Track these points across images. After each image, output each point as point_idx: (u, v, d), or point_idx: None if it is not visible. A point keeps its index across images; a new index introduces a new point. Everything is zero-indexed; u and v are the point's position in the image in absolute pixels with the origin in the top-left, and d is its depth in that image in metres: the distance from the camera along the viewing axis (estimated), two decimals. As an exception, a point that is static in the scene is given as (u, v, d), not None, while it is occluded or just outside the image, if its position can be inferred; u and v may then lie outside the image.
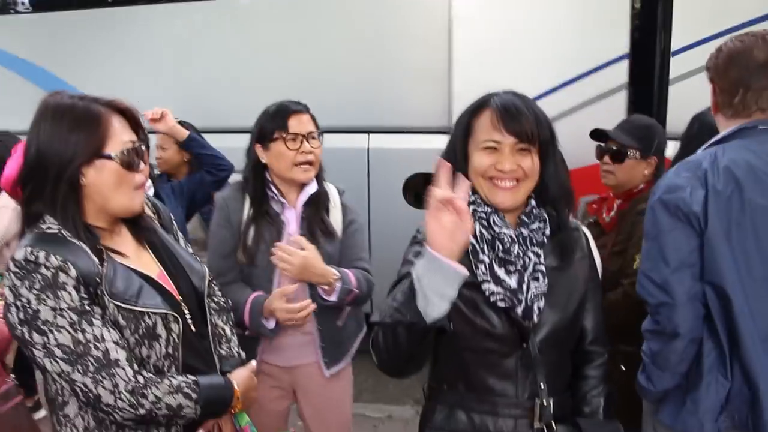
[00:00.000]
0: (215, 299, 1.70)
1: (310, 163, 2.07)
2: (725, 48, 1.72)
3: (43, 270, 1.28)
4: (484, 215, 1.50)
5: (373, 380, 3.99)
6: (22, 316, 1.29)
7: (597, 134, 2.43)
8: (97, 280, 1.34)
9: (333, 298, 2.02)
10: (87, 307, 1.31)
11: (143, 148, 1.45)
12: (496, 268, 1.47)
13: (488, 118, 1.49)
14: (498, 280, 1.46)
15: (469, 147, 1.52)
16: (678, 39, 3.20)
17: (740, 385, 1.62)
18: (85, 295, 1.31)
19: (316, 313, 2.06)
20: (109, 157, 1.37)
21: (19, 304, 1.28)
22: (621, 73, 3.32)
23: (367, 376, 4.08)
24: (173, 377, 1.40)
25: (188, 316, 1.51)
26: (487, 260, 1.47)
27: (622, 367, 2.10)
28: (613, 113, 3.11)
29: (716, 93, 1.75)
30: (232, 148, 2.50)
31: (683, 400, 1.70)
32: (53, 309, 1.28)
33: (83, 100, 1.40)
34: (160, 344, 1.42)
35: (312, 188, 2.12)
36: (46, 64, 4.25)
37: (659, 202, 1.66)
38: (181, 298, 1.51)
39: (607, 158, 2.34)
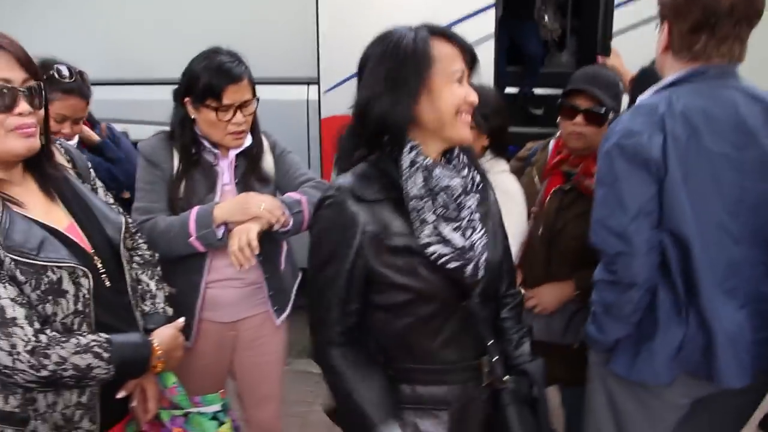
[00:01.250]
0: (139, 252, 1.59)
1: (242, 132, 1.93)
2: None
3: None
4: (426, 167, 1.35)
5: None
6: None
7: (569, 92, 2.10)
8: None
9: (288, 227, 1.90)
10: None
11: (27, 88, 1.28)
12: (442, 226, 1.34)
13: (449, 46, 1.35)
14: (445, 241, 1.34)
15: (432, 80, 1.33)
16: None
17: (695, 332, 1.61)
18: None
19: (262, 260, 1.95)
20: None
21: None
22: (489, 22, 3.30)
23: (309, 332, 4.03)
24: (82, 336, 1.30)
25: (101, 271, 1.39)
26: (431, 219, 1.34)
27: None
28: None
29: (672, 34, 1.67)
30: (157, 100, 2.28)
31: (637, 349, 1.68)
32: None
33: None
34: (67, 301, 1.31)
35: (247, 141, 1.98)
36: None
37: (616, 147, 1.59)
38: (93, 251, 1.40)
39: (579, 119, 2.04)
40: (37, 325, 1.24)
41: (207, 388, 1.70)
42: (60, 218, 1.38)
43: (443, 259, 1.33)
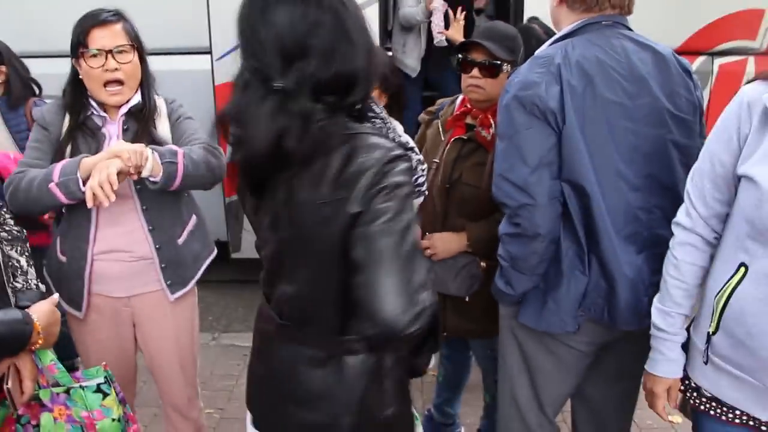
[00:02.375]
0: (6, 228, 1.54)
1: (119, 81, 1.84)
2: None
3: None
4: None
5: (244, 310, 3.87)
6: None
7: (463, 46, 2.14)
8: None
9: (158, 177, 1.78)
10: None
11: None
12: None
13: None
14: None
15: None
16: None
17: (597, 279, 1.65)
18: None
19: (152, 230, 1.91)
20: None
21: None
22: None
23: (237, 306, 3.98)
24: None
25: None
26: None
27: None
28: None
29: None
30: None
31: (543, 300, 1.71)
32: None
33: None
34: None
35: (134, 100, 1.91)
36: None
37: (514, 99, 1.60)
38: None
39: (476, 71, 2.04)
40: None
41: (111, 364, 1.65)
42: None
43: None
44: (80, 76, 1.87)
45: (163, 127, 1.97)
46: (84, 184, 1.69)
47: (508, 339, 1.86)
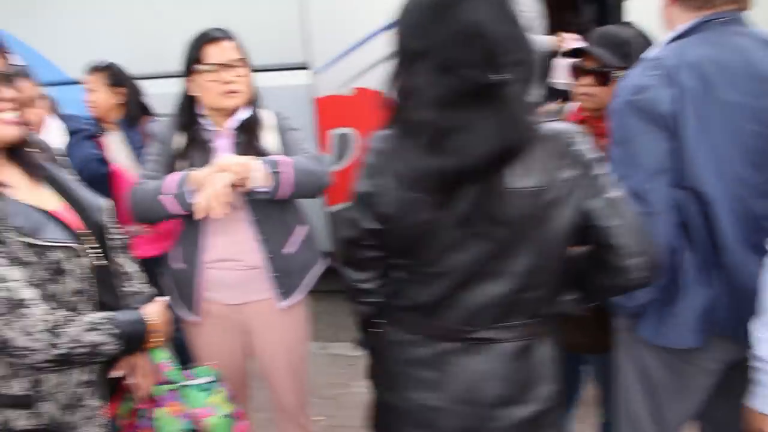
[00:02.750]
0: (116, 237, 1.59)
1: (235, 91, 1.96)
2: None
3: None
4: None
5: (352, 320, 3.91)
6: None
7: (574, 52, 2.13)
8: None
9: (267, 187, 1.87)
10: None
11: (10, 74, 1.33)
12: None
13: None
14: None
15: None
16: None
17: (721, 291, 1.55)
18: None
19: (262, 240, 1.98)
20: None
21: None
22: None
23: (345, 316, 4.03)
24: (89, 314, 1.33)
25: (94, 250, 1.42)
26: None
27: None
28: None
29: None
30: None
31: (662, 313, 1.62)
32: None
33: None
34: (69, 279, 1.33)
35: (243, 114, 2.00)
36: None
37: (626, 104, 1.53)
38: (84, 231, 1.42)
39: (587, 79, 2.02)
40: (47, 305, 1.26)
41: (222, 368, 1.72)
42: (48, 201, 1.40)
43: None
44: (191, 94, 1.99)
45: (270, 140, 2.04)
46: (192, 196, 1.81)
47: (625, 354, 1.78)
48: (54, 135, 2.15)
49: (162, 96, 2.89)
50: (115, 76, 2.92)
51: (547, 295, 1.36)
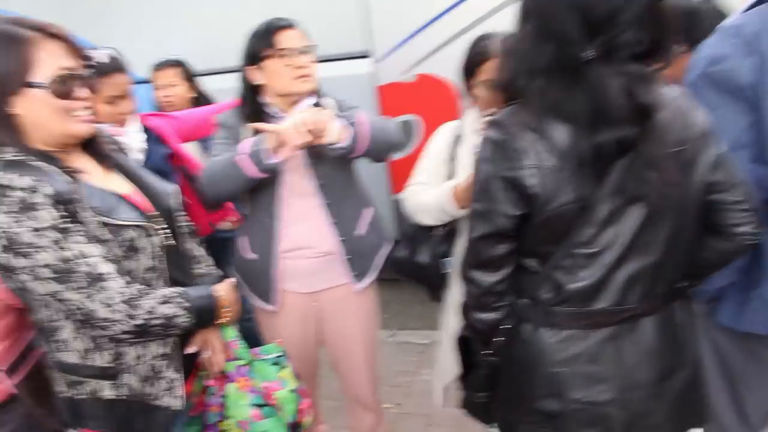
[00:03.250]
0: (185, 223, 1.65)
1: (308, 75, 1.96)
2: None
3: (17, 192, 1.26)
4: None
5: (420, 308, 3.92)
6: (4, 242, 1.25)
7: None
8: (74, 197, 1.32)
9: (345, 142, 1.85)
10: (67, 225, 1.29)
11: (85, 75, 1.38)
12: None
13: None
14: None
15: None
16: None
17: (811, 274, 1.45)
18: (63, 213, 1.29)
19: (335, 224, 2.00)
20: (37, 86, 1.31)
21: None
22: None
23: (412, 304, 4.05)
24: (163, 288, 1.41)
25: (165, 230, 1.49)
26: None
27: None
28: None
29: None
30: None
31: (744, 297, 1.53)
32: (34, 229, 1.26)
33: (9, 24, 1.32)
34: (144, 256, 1.41)
35: (310, 101, 2.00)
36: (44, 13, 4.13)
37: (703, 76, 1.45)
38: (155, 213, 1.49)
39: None
40: (126, 278, 1.34)
41: (295, 357, 1.75)
42: (120, 186, 1.48)
43: None
44: (255, 83, 1.97)
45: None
46: (269, 155, 1.79)
47: (702, 341, 1.69)
48: (135, 130, 2.22)
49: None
50: (188, 71, 3.01)
51: (685, 260, 1.34)
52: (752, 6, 1.49)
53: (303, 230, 2.00)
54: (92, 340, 1.39)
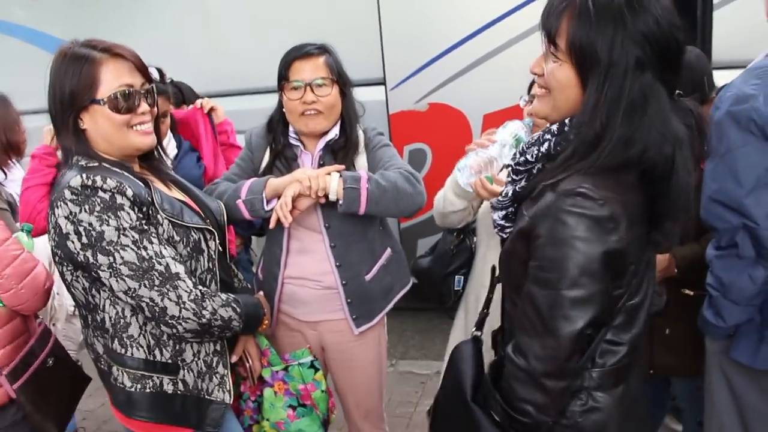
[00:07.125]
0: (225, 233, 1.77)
1: (316, 111, 1.88)
2: None
3: (101, 193, 1.35)
4: None
5: (420, 337, 3.91)
6: (85, 240, 1.34)
7: None
8: (150, 199, 1.42)
9: (341, 202, 1.79)
10: (145, 226, 1.39)
11: (145, 90, 1.48)
12: None
13: None
14: None
15: None
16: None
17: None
18: (141, 215, 1.39)
19: (338, 267, 1.94)
20: (99, 102, 1.42)
21: (80, 229, 1.34)
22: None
23: (413, 333, 4.03)
24: (221, 293, 1.51)
25: (217, 237, 1.59)
26: None
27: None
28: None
29: None
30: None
31: (762, 334, 1.54)
32: (117, 229, 1.35)
33: (81, 47, 1.44)
34: (204, 258, 1.52)
35: (331, 135, 1.94)
36: (58, 33, 4.15)
37: (728, 115, 1.48)
38: (208, 220, 1.60)
39: None
40: (193, 279, 1.44)
41: None
42: (178, 195, 1.59)
43: None
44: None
45: (360, 162, 1.97)
46: (269, 203, 1.81)
47: (717, 377, 1.70)
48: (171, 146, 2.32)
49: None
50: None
51: None
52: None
53: (307, 262, 1.97)
54: (153, 337, 1.47)
